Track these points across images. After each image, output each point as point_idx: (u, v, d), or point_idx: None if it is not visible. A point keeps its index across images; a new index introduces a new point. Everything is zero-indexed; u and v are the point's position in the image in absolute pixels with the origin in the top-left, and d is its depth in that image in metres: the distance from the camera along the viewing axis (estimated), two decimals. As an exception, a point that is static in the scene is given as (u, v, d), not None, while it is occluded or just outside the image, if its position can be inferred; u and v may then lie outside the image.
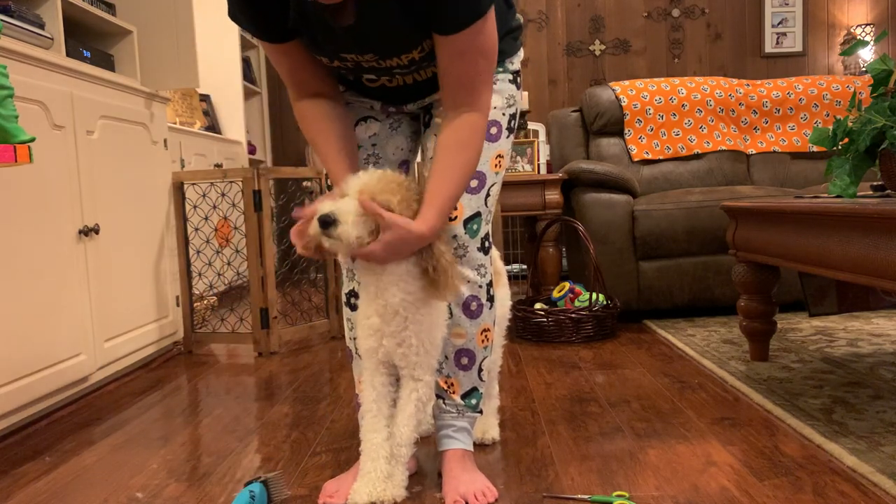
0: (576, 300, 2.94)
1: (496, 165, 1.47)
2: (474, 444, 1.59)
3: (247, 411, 2.10)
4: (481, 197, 1.45)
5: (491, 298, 1.51)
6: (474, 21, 1.23)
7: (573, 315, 2.78)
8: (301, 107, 1.41)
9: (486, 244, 1.48)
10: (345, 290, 1.55)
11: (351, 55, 1.32)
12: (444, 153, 1.32)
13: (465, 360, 1.50)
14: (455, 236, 1.43)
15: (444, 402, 1.52)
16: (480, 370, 1.53)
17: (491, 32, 1.28)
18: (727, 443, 1.66)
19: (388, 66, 1.35)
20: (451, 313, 1.47)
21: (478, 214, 1.45)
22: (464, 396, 1.52)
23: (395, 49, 1.30)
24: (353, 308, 1.54)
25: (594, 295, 2.85)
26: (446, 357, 1.50)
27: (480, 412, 1.56)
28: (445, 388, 1.51)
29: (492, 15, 1.27)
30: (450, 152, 1.32)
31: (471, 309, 1.48)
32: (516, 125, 1.53)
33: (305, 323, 3.05)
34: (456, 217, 1.43)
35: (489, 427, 1.74)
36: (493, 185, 1.47)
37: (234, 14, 1.32)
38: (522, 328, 2.91)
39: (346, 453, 1.71)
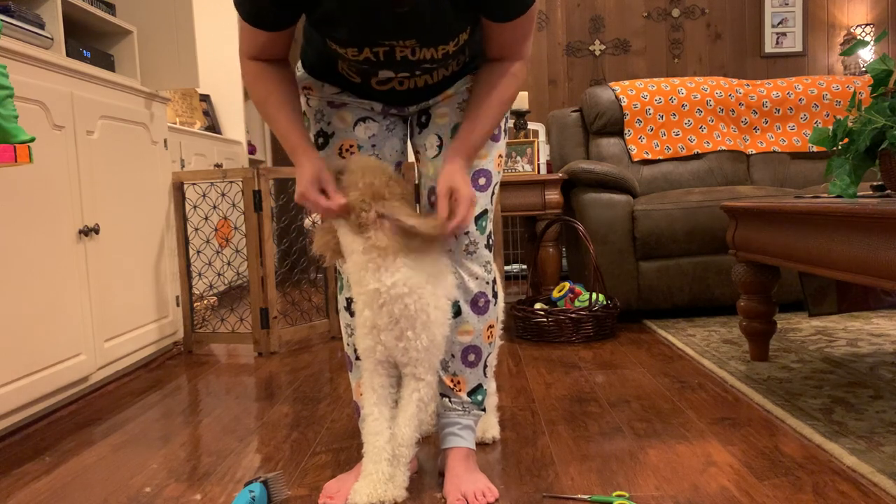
0: (576, 300, 2.94)
1: (498, 165, 1.49)
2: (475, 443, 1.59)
3: (247, 411, 2.10)
4: (488, 194, 1.47)
5: (495, 295, 1.54)
6: (531, 5, 1.29)
7: (573, 315, 2.78)
8: (256, 65, 1.37)
9: (491, 241, 1.51)
10: (344, 295, 1.55)
11: (390, 42, 1.29)
12: (484, 92, 1.38)
13: (472, 357, 1.51)
14: (467, 233, 1.45)
15: (449, 401, 1.52)
16: (485, 366, 1.54)
17: None
18: (727, 443, 1.66)
19: (418, 60, 1.33)
20: (457, 312, 1.48)
21: (486, 212, 1.47)
22: (470, 393, 1.53)
23: (437, 37, 1.29)
24: (353, 314, 1.54)
25: (594, 295, 2.85)
26: (453, 356, 1.51)
27: (484, 410, 1.57)
28: (451, 385, 1.52)
29: None
30: (490, 91, 1.38)
31: (479, 305, 1.50)
32: (507, 126, 1.56)
33: (305, 323, 3.05)
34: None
35: (489, 426, 1.74)
36: (496, 184, 1.50)
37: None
38: (522, 328, 2.90)
39: (346, 453, 1.71)
